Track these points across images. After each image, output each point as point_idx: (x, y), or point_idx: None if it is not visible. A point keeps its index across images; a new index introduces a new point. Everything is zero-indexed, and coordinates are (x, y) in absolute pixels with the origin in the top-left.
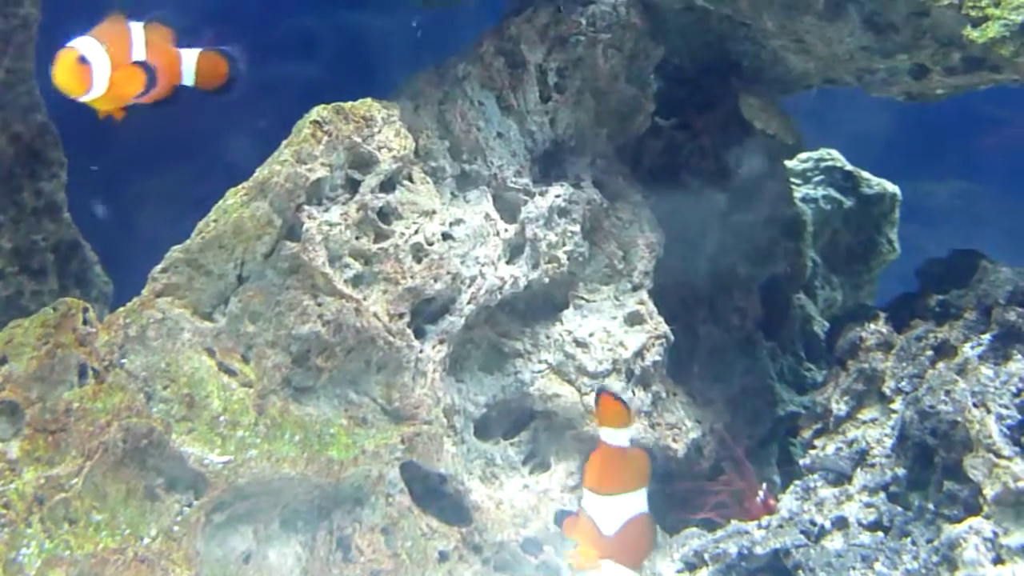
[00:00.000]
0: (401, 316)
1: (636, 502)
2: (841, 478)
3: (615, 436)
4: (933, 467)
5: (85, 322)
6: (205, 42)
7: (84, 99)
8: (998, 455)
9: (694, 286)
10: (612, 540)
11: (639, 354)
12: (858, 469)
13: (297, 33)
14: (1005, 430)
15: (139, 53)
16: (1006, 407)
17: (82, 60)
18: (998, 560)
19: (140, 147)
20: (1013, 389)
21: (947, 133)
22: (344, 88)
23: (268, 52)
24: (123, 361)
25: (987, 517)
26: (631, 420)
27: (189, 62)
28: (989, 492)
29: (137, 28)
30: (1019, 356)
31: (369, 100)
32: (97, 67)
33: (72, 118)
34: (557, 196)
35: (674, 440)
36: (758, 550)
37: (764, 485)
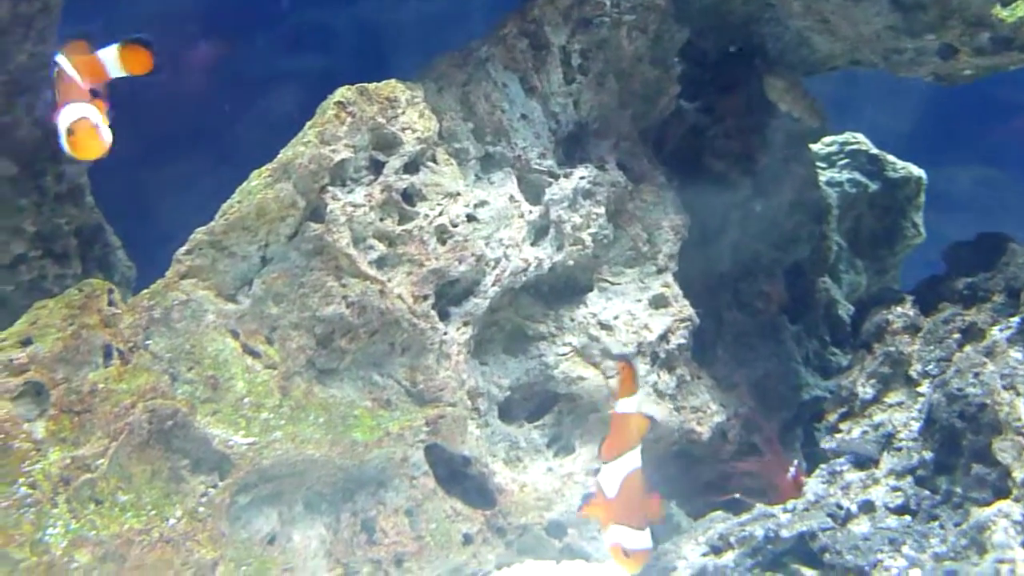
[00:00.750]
0: (425, 298)
1: (630, 460)
2: (867, 462)
3: (626, 404)
4: (961, 450)
5: (110, 303)
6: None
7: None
8: None
9: (718, 270)
10: (615, 503)
11: (664, 337)
12: (884, 453)
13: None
14: None
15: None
16: None
17: (96, 126)
18: None
19: (162, 133)
20: None
21: (970, 120)
22: (359, 77)
23: (283, 42)
24: (148, 343)
25: (1016, 500)
26: (638, 387)
27: (110, 58)
28: (1019, 475)
29: (69, 60)
30: None
31: (393, 81)
32: (102, 125)
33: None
34: (581, 178)
35: (698, 424)
36: (784, 533)
37: (795, 462)
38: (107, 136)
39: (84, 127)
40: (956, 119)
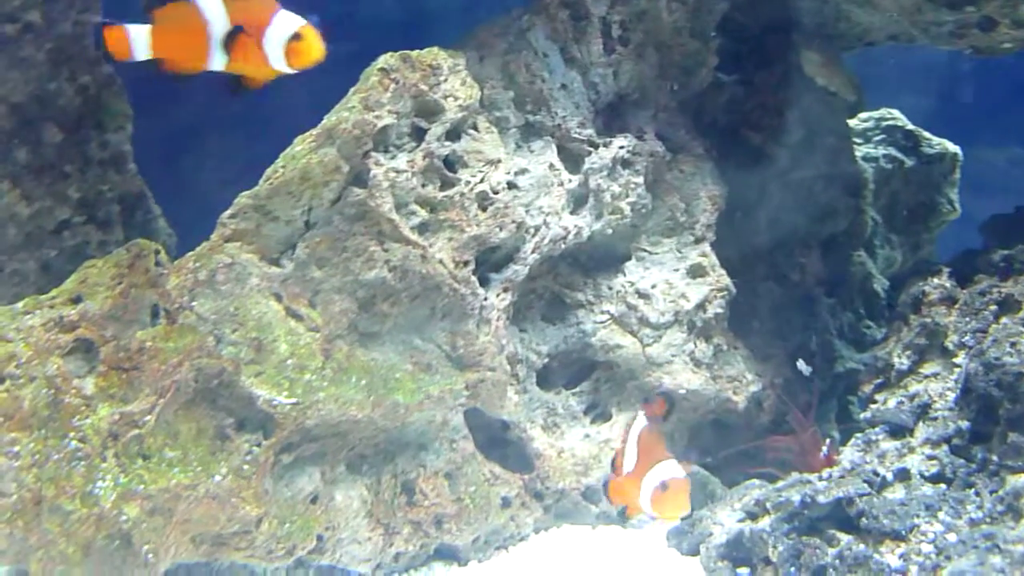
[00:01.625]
0: (466, 264)
1: (635, 426)
2: (903, 431)
3: None
4: (997, 419)
5: (157, 264)
6: None
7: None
8: None
9: (754, 242)
10: (636, 468)
11: (701, 306)
12: (920, 422)
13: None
14: None
15: None
16: None
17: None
18: None
19: (204, 105)
20: None
21: (1005, 100)
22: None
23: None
24: (193, 304)
25: None
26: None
27: None
28: None
29: None
30: None
31: (435, 49)
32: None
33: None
34: (620, 147)
35: (735, 393)
36: (821, 499)
37: (828, 440)
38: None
39: (310, 31)
40: (991, 100)
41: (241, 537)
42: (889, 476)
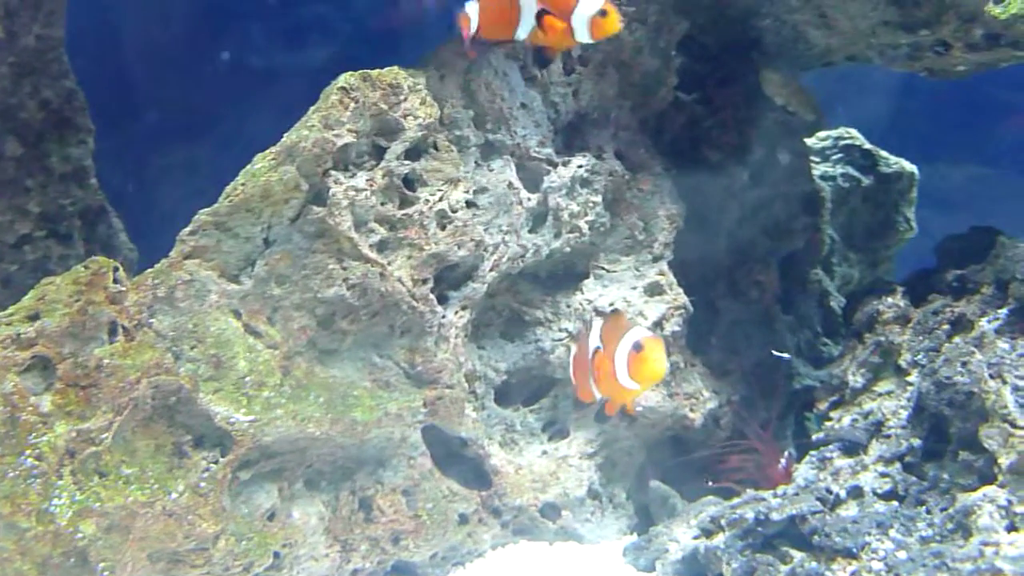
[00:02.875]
0: (425, 281)
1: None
2: (857, 448)
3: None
4: (948, 438)
5: (115, 281)
6: None
7: None
8: (1014, 425)
9: (714, 260)
10: (606, 345)
11: (658, 324)
12: (874, 440)
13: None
14: (1021, 400)
15: None
16: (1022, 379)
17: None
18: (1012, 527)
19: (165, 118)
20: None
21: (963, 117)
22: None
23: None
24: (152, 320)
25: (1002, 486)
26: None
27: None
28: (1004, 461)
29: None
30: None
31: (396, 68)
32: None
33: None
34: (579, 166)
35: (691, 410)
36: (775, 516)
37: (786, 453)
38: None
39: (611, 7)
40: (949, 117)
41: (198, 554)
42: (842, 493)
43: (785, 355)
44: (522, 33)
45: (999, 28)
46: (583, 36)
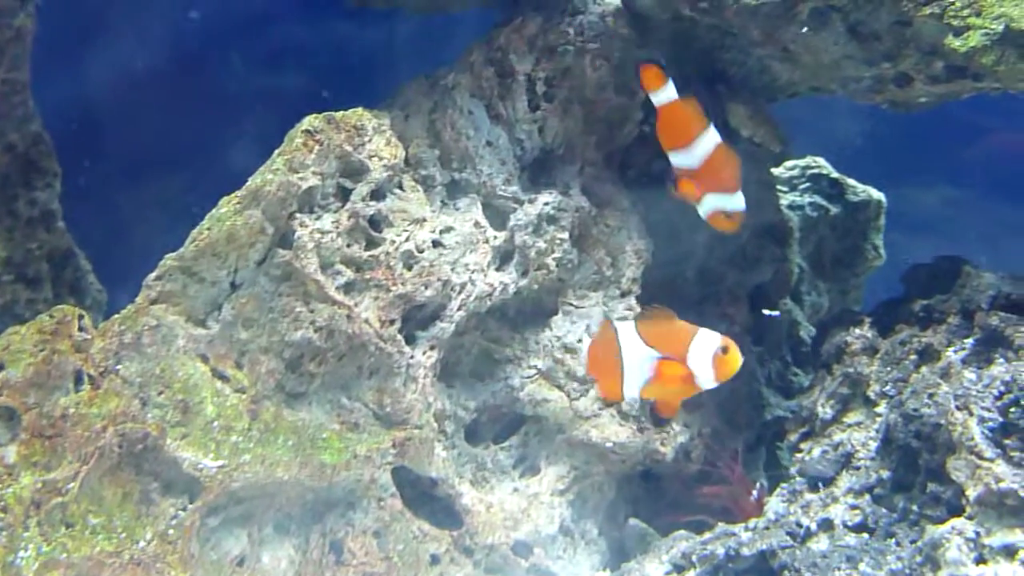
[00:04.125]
0: (392, 322)
1: (708, 137)
2: (827, 481)
3: (664, 94)
4: (917, 469)
5: (81, 329)
6: None
7: None
8: (980, 457)
9: (682, 293)
10: (702, 173)
11: None
12: (844, 472)
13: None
14: (987, 432)
15: None
16: (988, 410)
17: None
18: (980, 560)
19: (134, 157)
20: (995, 392)
21: (934, 141)
22: (338, 99)
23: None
24: (118, 367)
25: (970, 518)
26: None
27: None
28: (972, 493)
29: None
30: (1001, 360)
31: (360, 109)
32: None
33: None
34: (546, 204)
35: (662, 444)
36: (745, 551)
37: (758, 484)
38: None
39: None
40: (920, 141)
41: None
42: (813, 526)
43: (775, 313)
44: (631, 390)
45: (960, 61)
46: (707, 380)
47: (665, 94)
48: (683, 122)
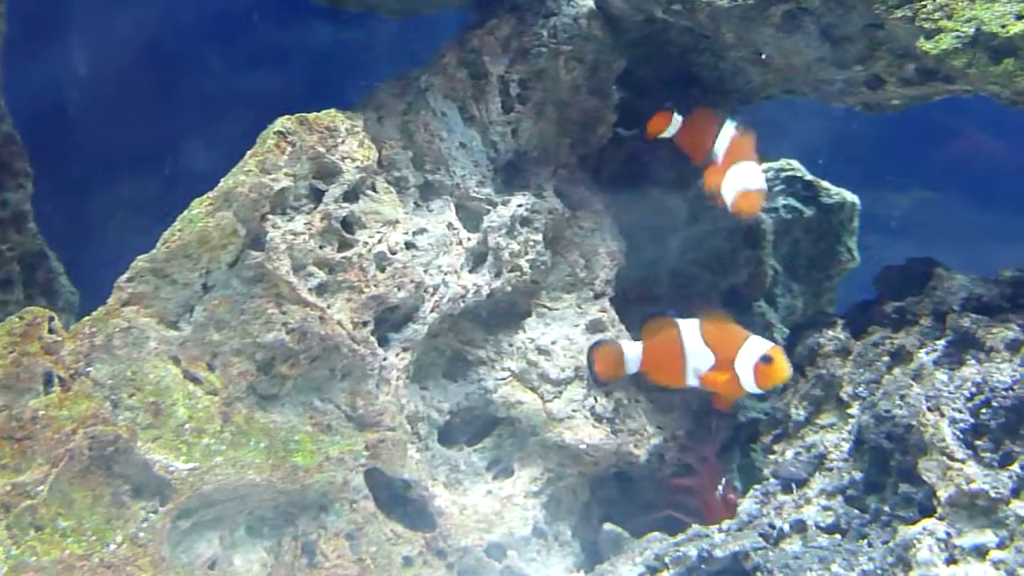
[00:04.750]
0: (365, 324)
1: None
2: (800, 482)
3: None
4: (889, 470)
5: (51, 331)
6: None
7: None
8: (951, 458)
9: (656, 295)
10: (726, 160)
11: None
12: (816, 473)
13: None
14: (958, 433)
15: None
16: (959, 411)
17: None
18: (951, 560)
19: (107, 159)
20: (966, 393)
21: (909, 143)
22: (312, 101)
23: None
24: (89, 370)
25: (941, 518)
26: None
27: None
28: (943, 494)
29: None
30: (972, 361)
31: (333, 111)
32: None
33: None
34: (519, 206)
35: (636, 446)
36: (718, 553)
37: (724, 480)
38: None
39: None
40: (895, 143)
41: None
42: (786, 528)
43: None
44: (691, 380)
45: (931, 63)
46: (749, 384)
47: (674, 126)
48: (699, 135)
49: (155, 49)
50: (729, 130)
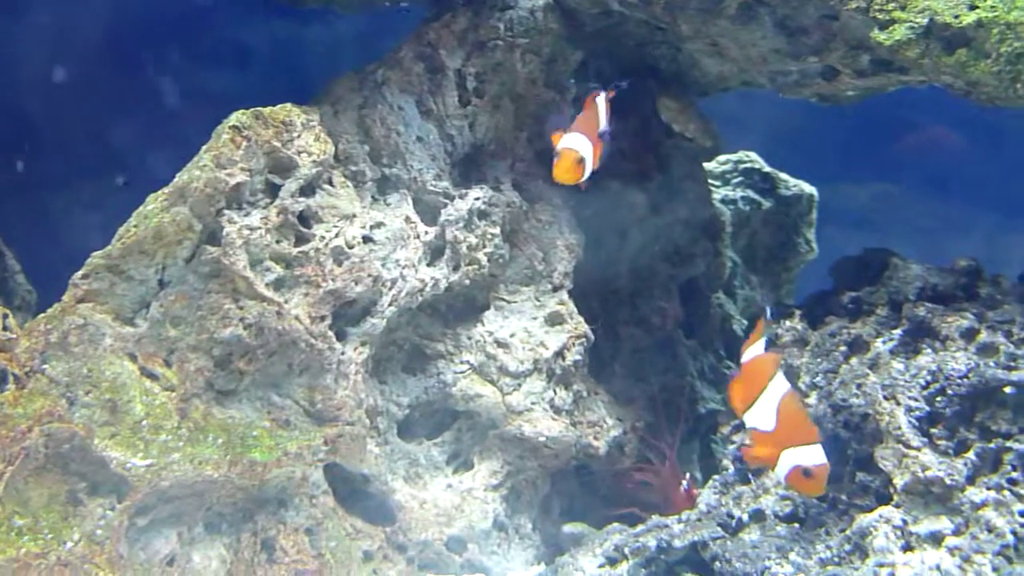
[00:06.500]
0: (323, 319)
1: (777, 387)
2: (758, 472)
3: (754, 350)
4: (846, 459)
5: (5, 328)
6: None
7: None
8: (907, 446)
9: (615, 287)
10: (777, 432)
11: (560, 354)
12: None
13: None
14: (914, 421)
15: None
16: (915, 399)
17: (580, 161)
18: (907, 547)
19: (65, 156)
20: (922, 382)
21: (867, 136)
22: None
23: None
24: (44, 367)
25: (897, 506)
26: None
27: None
28: (899, 482)
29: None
30: (928, 350)
31: (288, 105)
32: (588, 162)
33: None
34: (477, 199)
35: (595, 438)
36: (676, 543)
37: (688, 475)
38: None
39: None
40: (853, 136)
41: None
42: (745, 517)
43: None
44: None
45: (885, 54)
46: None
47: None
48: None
49: (115, 45)
50: (782, 384)
